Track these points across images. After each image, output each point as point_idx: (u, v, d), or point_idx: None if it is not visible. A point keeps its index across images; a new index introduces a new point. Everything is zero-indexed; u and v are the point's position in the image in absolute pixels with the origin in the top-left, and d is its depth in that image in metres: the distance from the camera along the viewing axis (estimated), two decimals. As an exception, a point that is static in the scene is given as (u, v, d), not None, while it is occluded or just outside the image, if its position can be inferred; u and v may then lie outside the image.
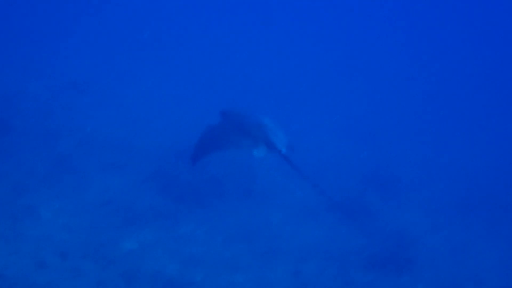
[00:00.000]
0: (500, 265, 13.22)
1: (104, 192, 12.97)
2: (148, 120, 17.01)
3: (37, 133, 14.78)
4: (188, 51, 24.19)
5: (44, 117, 15.69)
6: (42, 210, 11.85)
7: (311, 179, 10.24)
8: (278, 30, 29.51)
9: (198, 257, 11.62)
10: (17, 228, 11.20)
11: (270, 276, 11.61)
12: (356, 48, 28.18)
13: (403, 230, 13.84)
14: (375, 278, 12.12)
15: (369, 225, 13.94)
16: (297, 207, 14.14)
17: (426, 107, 22.85)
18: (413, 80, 25.57)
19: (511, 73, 27.25)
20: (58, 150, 14.23)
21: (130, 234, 11.79)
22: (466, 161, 18.29)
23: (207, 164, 14.79)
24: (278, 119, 10.87)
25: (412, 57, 28.15)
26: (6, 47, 20.36)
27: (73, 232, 11.48)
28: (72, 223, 11.73)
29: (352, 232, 13.49)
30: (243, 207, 13.65)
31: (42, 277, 10.04)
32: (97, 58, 21.18)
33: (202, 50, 24.61)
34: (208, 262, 11.56)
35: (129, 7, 27.50)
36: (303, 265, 12.07)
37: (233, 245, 12.22)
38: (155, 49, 23.45)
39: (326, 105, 21.32)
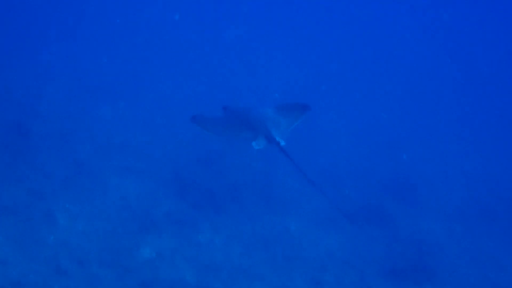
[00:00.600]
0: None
1: (121, 198, 12.85)
2: (166, 125, 16.90)
3: (54, 137, 14.69)
4: (203, 55, 24.09)
5: (61, 121, 15.59)
6: (60, 215, 11.73)
7: (310, 175, 10.26)
8: (297, 34, 29.42)
9: (216, 265, 11.48)
10: (34, 234, 11.09)
11: (290, 284, 11.46)
12: (378, 56, 28.03)
13: (422, 238, 13.66)
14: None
15: (389, 233, 13.78)
16: (316, 214, 13.99)
17: (445, 113, 22.65)
18: (430, 86, 25.37)
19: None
20: (75, 154, 14.12)
21: (148, 241, 11.65)
22: (486, 168, 18.07)
23: (225, 170, 14.70)
24: (285, 105, 10.84)
25: (432, 64, 27.96)
26: (23, 52, 20.31)
27: (91, 239, 11.36)
28: (90, 229, 11.61)
29: (372, 240, 13.32)
30: (261, 213, 13.50)
31: (60, 285, 9.94)
32: (114, 62, 21.10)
33: (220, 54, 24.53)
34: (227, 270, 11.42)
35: (143, 14, 27.49)
36: (323, 273, 11.93)
37: (252, 252, 12.07)
38: (172, 53, 23.35)
39: (344, 111, 21.16)
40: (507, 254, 13.73)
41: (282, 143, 9.93)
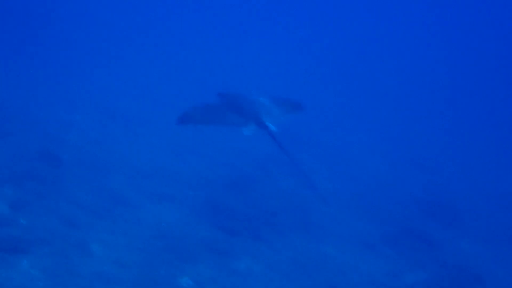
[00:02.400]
0: None
1: (156, 226, 12.54)
2: (194, 150, 16.67)
3: (86, 166, 14.48)
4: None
5: (92, 149, 15.41)
6: (94, 245, 11.43)
7: (303, 168, 10.25)
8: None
9: (257, 294, 11.13)
10: (68, 264, 10.80)
11: (334, 312, 11.10)
12: (408, 71, 27.87)
13: (466, 264, 13.17)
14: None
15: (429, 258, 13.32)
16: (354, 239, 13.60)
17: (486, 129, 22.22)
18: (471, 100, 25.03)
19: None
20: (108, 183, 13.89)
21: (185, 271, 11.30)
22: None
23: (258, 195, 14.41)
24: (280, 97, 10.77)
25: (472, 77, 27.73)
26: (51, 80, 20.31)
27: (126, 268, 11.03)
28: (125, 259, 11.28)
29: (414, 265, 12.88)
30: (299, 239, 13.13)
31: (98, 318, 9.64)
32: (142, 87, 21.01)
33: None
34: (267, 300, 11.06)
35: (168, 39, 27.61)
36: (366, 301, 11.52)
37: (293, 280, 11.67)
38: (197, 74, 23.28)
39: (375, 126, 20.84)
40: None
41: (273, 128, 9.89)
